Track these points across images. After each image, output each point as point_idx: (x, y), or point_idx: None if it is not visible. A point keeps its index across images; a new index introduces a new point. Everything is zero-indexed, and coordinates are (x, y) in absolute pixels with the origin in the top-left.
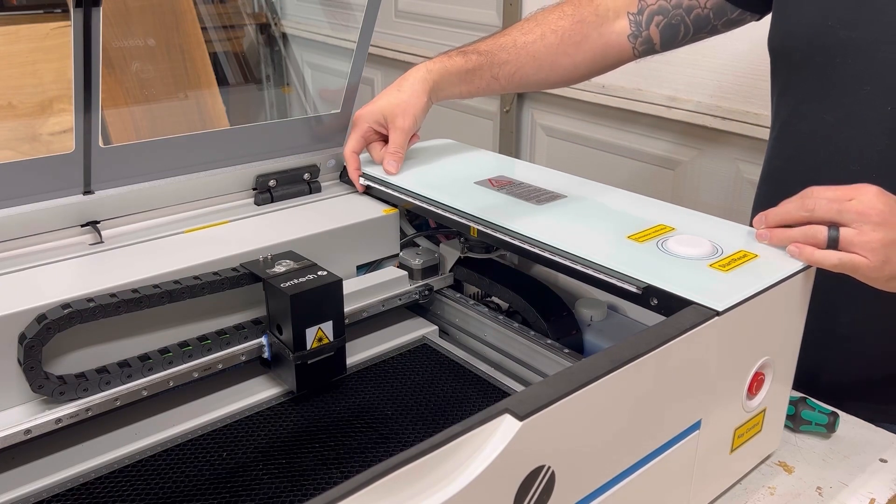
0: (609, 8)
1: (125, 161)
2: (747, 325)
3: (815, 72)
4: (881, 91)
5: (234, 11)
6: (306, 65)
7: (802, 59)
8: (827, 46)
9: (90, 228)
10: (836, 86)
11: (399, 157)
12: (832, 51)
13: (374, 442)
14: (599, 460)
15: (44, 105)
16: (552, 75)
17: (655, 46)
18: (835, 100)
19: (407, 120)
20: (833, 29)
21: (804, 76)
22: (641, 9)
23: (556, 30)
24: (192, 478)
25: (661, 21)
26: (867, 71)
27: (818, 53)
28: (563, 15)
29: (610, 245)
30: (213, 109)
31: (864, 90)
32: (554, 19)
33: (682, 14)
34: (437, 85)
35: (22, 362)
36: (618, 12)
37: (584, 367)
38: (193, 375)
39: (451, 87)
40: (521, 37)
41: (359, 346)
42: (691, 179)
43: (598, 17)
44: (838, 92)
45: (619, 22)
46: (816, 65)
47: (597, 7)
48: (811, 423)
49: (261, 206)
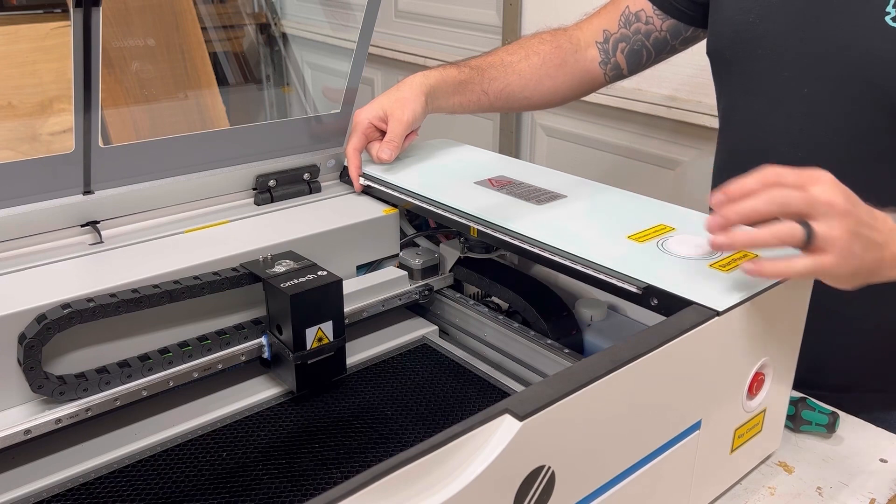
0: (580, 38)
1: (125, 161)
2: (747, 325)
3: (742, 65)
4: (795, 76)
5: (234, 11)
6: (306, 65)
7: (731, 55)
8: (748, 40)
9: (90, 228)
10: (761, 75)
11: (394, 147)
12: (753, 43)
13: (374, 442)
14: (599, 460)
15: (44, 105)
16: (535, 94)
17: (623, 72)
18: (759, 90)
19: (406, 112)
20: (753, 24)
21: (734, 71)
22: (606, 38)
23: (538, 52)
24: (192, 478)
25: (625, 48)
26: (783, 58)
27: (742, 48)
28: (543, 41)
29: (610, 245)
30: (213, 109)
31: (783, 76)
32: (535, 43)
33: (643, 39)
34: (434, 91)
35: (22, 362)
36: (588, 42)
37: (584, 367)
38: (193, 375)
39: (446, 97)
40: (506, 56)
41: (359, 346)
42: (691, 179)
43: (572, 44)
44: (761, 81)
45: (590, 51)
46: (742, 59)
47: (570, 37)
48: (811, 423)
49: (261, 206)
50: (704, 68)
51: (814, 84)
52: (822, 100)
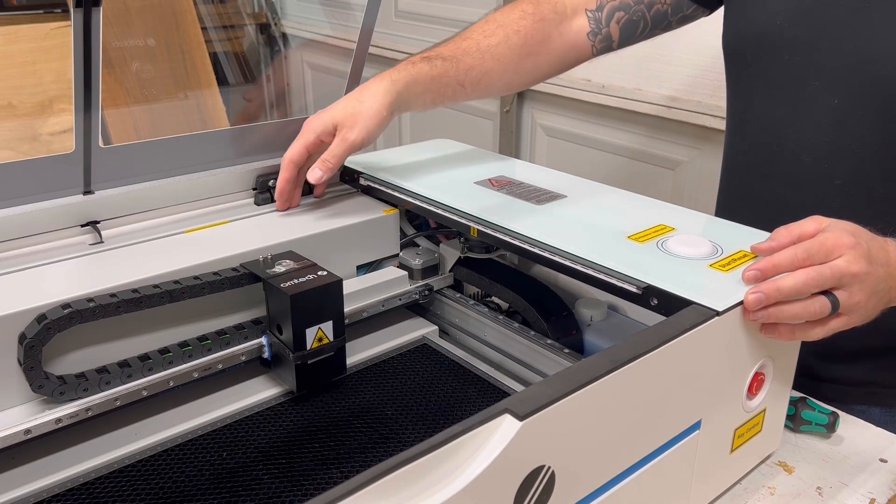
0: (566, 5)
1: (125, 161)
2: (747, 325)
3: (765, 69)
4: (825, 86)
5: (234, 11)
6: (306, 65)
7: (752, 57)
8: (774, 45)
9: (90, 228)
10: (784, 82)
11: (329, 167)
12: (779, 49)
13: (374, 442)
14: (599, 460)
15: (44, 105)
16: (515, 78)
17: (613, 44)
18: (783, 96)
19: (355, 132)
20: (780, 28)
21: (754, 73)
22: (600, 5)
23: (518, 30)
24: (192, 478)
25: (623, 17)
26: (811, 68)
27: (766, 52)
28: (525, 14)
29: (610, 245)
30: (213, 109)
31: (812, 85)
32: (515, 19)
33: (644, 10)
34: (402, 97)
35: (22, 362)
36: (575, 9)
37: (584, 367)
38: (193, 375)
39: (417, 98)
40: (483, 40)
41: (359, 346)
42: (691, 179)
43: (557, 14)
44: (786, 88)
45: (577, 20)
46: (765, 63)
47: (555, 4)
48: (811, 423)
49: (261, 206)
50: (704, 68)
51: (844, 96)
52: (852, 112)
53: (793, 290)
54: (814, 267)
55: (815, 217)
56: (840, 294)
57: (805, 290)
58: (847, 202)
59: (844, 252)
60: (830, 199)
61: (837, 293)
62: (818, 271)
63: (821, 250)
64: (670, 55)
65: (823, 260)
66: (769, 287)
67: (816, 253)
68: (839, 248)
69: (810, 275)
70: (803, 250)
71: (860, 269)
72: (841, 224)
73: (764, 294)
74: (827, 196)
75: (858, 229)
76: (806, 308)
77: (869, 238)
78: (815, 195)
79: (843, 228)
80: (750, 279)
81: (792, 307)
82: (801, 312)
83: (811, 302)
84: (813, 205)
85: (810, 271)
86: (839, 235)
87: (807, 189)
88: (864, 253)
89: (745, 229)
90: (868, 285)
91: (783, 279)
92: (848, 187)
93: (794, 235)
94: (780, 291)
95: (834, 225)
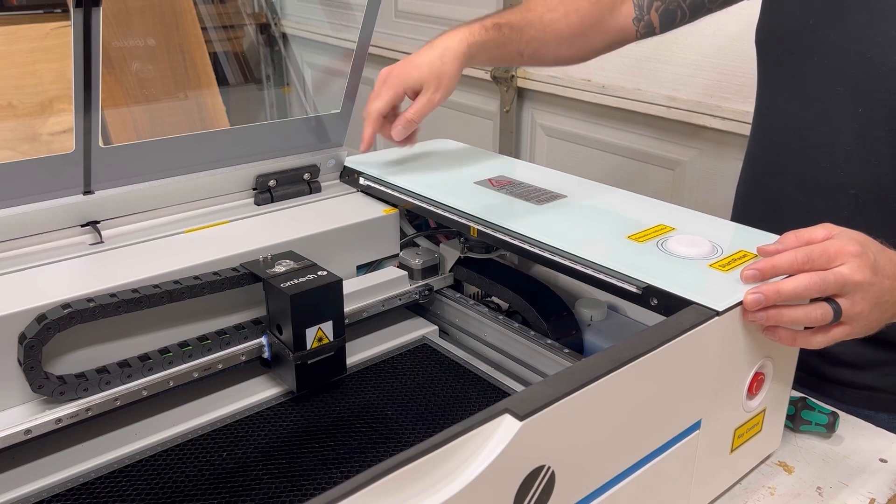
0: None
1: (125, 161)
2: (747, 325)
3: (794, 67)
4: (851, 92)
5: (234, 11)
6: (306, 65)
7: (783, 53)
8: (806, 44)
9: (90, 228)
10: (812, 84)
11: (414, 126)
12: (810, 49)
13: (374, 442)
14: (599, 460)
15: (44, 105)
16: (567, 53)
17: (655, 30)
18: (809, 97)
19: (441, 94)
20: (812, 27)
21: (783, 70)
22: None
23: (577, 9)
24: (192, 478)
25: (660, 7)
26: (839, 72)
27: (797, 50)
28: None
29: (610, 245)
30: (213, 109)
31: (837, 90)
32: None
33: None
34: (472, 61)
35: (22, 362)
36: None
37: (584, 367)
38: (193, 375)
39: (480, 62)
40: (546, 14)
41: (359, 346)
42: (691, 179)
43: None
44: (813, 90)
45: (625, 5)
46: (795, 61)
47: None
48: (811, 423)
49: (261, 206)
50: (704, 68)
51: (868, 106)
52: (874, 123)
53: (793, 293)
54: (817, 272)
55: (826, 224)
56: (843, 302)
57: (806, 295)
58: (859, 212)
59: (848, 260)
60: (842, 208)
61: (840, 301)
62: (821, 276)
63: (822, 256)
64: (670, 55)
65: (824, 266)
66: (769, 289)
67: (817, 258)
68: (843, 255)
69: (812, 279)
70: (804, 254)
71: (863, 278)
72: (850, 233)
73: (763, 295)
74: (839, 204)
75: (868, 240)
76: (807, 313)
77: (877, 249)
78: (827, 202)
79: (852, 237)
80: (748, 279)
81: (792, 311)
82: (802, 317)
83: (813, 308)
84: (824, 211)
85: (812, 276)
86: (845, 243)
87: (820, 194)
88: (869, 262)
89: (746, 229)
90: (872, 295)
91: (784, 282)
92: (862, 197)
93: (802, 240)
94: (780, 294)
95: (843, 233)
